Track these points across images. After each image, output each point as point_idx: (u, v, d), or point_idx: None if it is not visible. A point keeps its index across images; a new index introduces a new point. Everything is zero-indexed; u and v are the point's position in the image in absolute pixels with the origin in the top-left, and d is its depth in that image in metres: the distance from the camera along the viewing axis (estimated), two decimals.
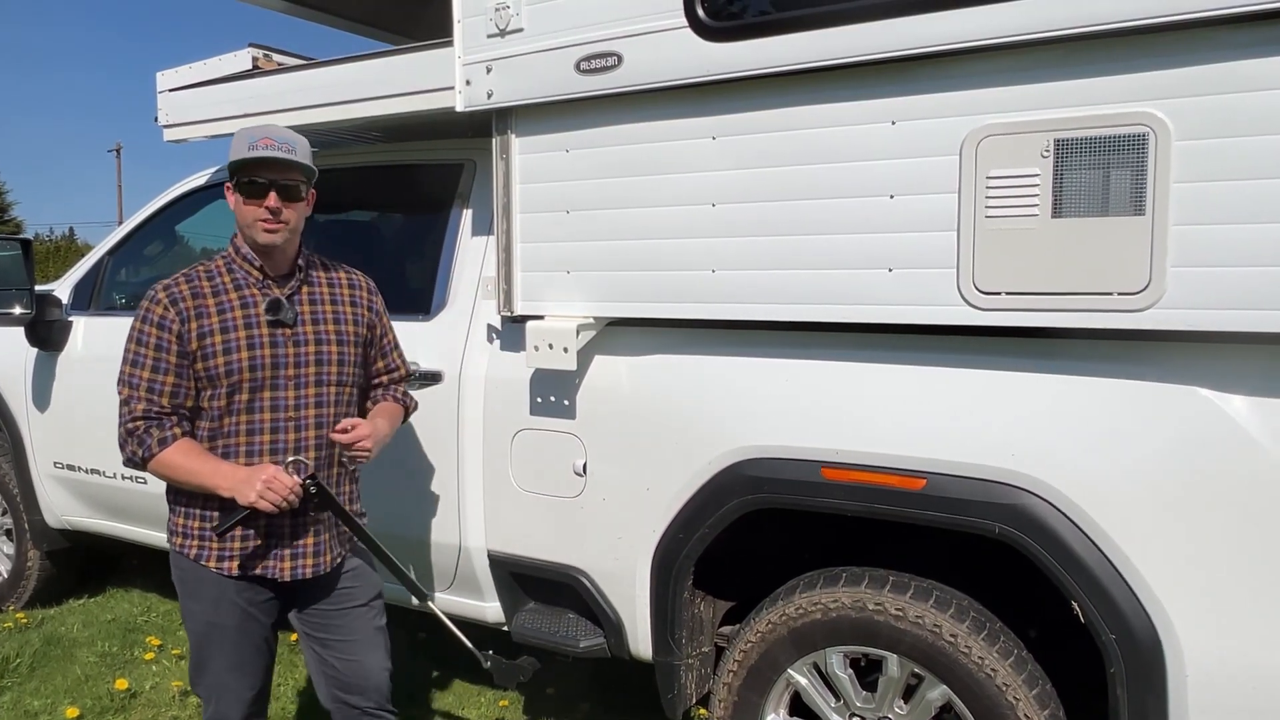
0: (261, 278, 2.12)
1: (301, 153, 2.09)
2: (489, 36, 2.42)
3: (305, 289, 2.18)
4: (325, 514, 2.16)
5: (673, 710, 2.47)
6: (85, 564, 4.27)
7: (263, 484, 1.96)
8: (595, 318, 2.43)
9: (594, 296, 2.41)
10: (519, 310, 2.53)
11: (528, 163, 2.47)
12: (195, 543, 2.10)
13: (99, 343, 3.61)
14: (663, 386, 2.41)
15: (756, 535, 2.47)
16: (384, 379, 2.36)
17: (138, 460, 2.03)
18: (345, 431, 2.11)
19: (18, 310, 3.58)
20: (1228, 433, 1.80)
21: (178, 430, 2.03)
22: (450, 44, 2.50)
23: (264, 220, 2.04)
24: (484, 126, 2.56)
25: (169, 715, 3.22)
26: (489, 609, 2.83)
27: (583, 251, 2.42)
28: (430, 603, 2.46)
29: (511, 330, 2.64)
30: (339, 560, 2.22)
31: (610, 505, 2.50)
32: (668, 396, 2.40)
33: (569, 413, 2.54)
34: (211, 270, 2.12)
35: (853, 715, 2.23)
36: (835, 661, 2.22)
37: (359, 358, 2.23)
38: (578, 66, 2.29)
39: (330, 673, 2.23)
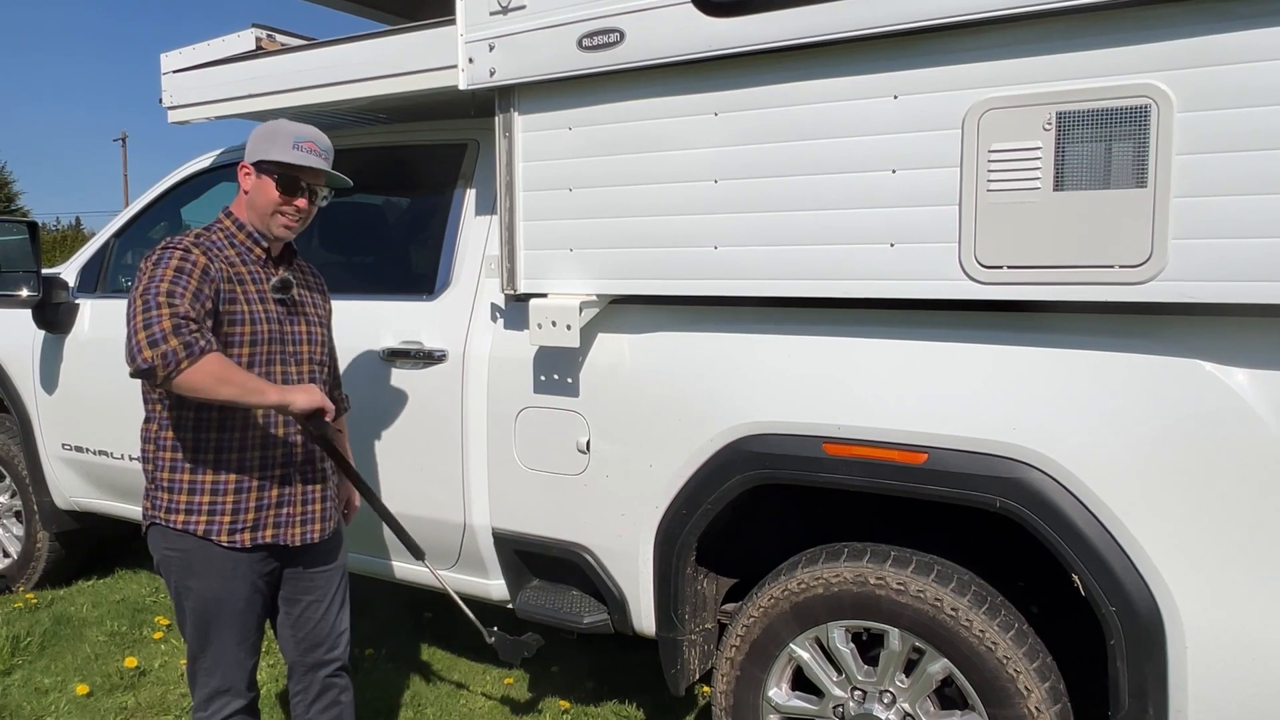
0: (264, 257, 2.18)
1: (331, 160, 2.20)
2: (491, 14, 2.42)
3: (296, 273, 2.27)
4: (329, 480, 2.26)
5: (676, 686, 2.49)
6: (94, 545, 4.30)
7: (323, 398, 2.06)
8: (598, 295, 2.44)
9: (596, 274, 2.42)
10: (522, 289, 2.54)
11: (530, 141, 2.48)
12: (203, 518, 2.09)
13: (106, 325, 3.63)
14: (665, 363, 2.42)
15: (760, 512, 2.49)
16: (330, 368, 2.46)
17: (195, 351, 1.87)
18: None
19: (25, 293, 3.60)
20: (1229, 406, 1.80)
21: (215, 342, 1.97)
22: (453, 22, 2.50)
23: (287, 216, 2.15)
24: (487, 105, 2.56)
25: (177, 692, 3.25)
26: (493, 586, 2.85)
27: (585, 229, 2.42)
28: (426, 563, 2.51)
29: (515, 309, 2.65)
30: (337, 523, 2.32)
31: (613, 482, 2.51)
32: (670, 373, 2.40)
33: (572, 390, 2.55)
34: (216, 241, 2.13)
35: (854, 689, 2.25)
36: (837, 636, 2.24)
37: (329, 341, 2.36)
38: (580, 43, 2.29)
39: (300, 632, 2.28)
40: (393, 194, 3.39)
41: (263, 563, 2.16)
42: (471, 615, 2.55)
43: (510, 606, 2.83)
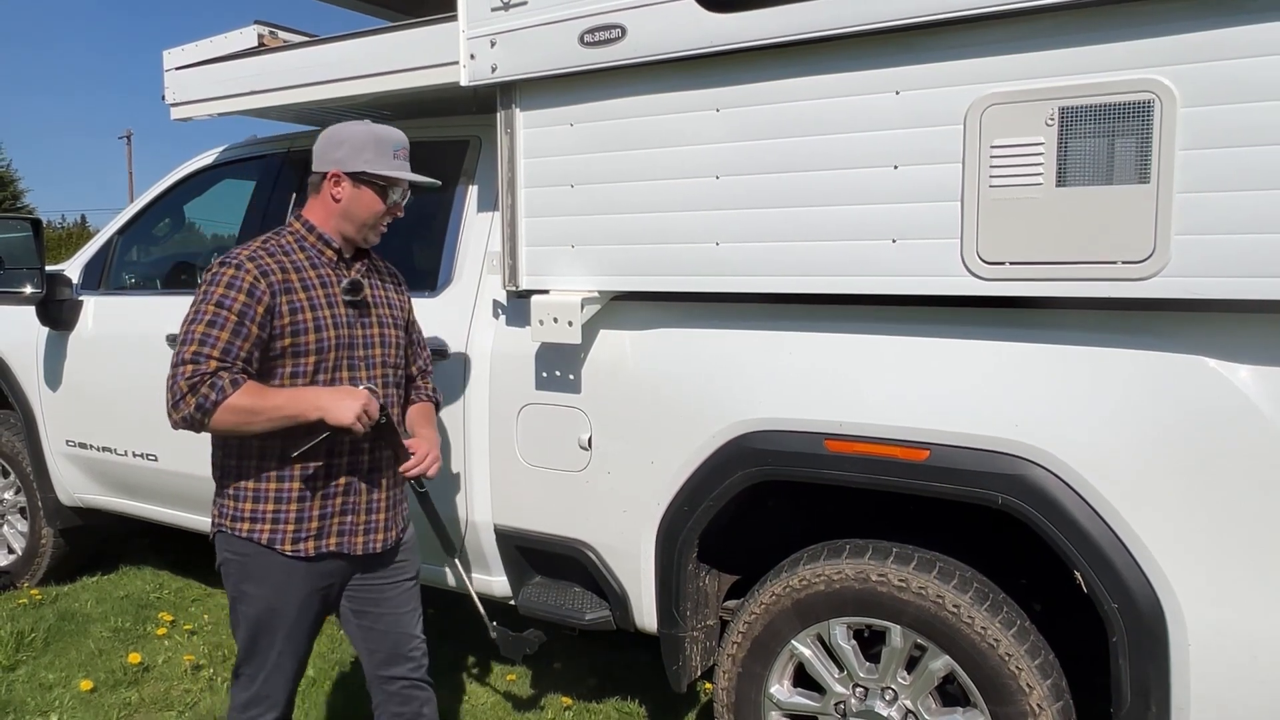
0: (335, 259, 2.12)
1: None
2: (493, 10, 2.42)
3: (370, 274, 2.20)
4: (395, 488, 2.19)
5: (677, 682, 2.49)
6: (98, 542, 4.31)
7: (361, 408, 1.97)
8: (600, 292, 2.44)
9: (598, 270, 2.42)
10: (524, 285, 2.54)
11: (532, 137, 2.48)
12: (266, 527, 2.04)
13: (109, 322, 3.64)
14: (667, 360, 2.42)
15: (762, 509, 2.49)
16: (415, 368, 2.37)
17: (208, 405, 1.89)
18: (416, 462, 2.17)
19: (28, 290, 3.61)
20: (1232, 403, 1.79)
21: (244, 376, 1.96)
22: (455, 18, 2.50)
23: (384, 226, 2.13)
24: (489, 102, 2.56)
25: (181, 688, 3.26)
26: (495, 583, 2.85)
27: (587, 225, 2.42)
28: (456, 558, 2.47)
29: (517, 305, 2.65)
30: (403, 532, 2.25)
31: (615, 479, 2.51)
32: (672, 370, 2.40)
33: (574, 387, 2.55)
34: (285, 246, 2.08)
35: (856, 686, 2.25)
36: (839, 633, 2.24)
37: (404, 343, 2.27)
38: (581, 39, 2.29)
39: (374, 647, 2.22)
40: None
41: (323, 575, 2.10)
42: (483, 610, 2.54)
43: (512, 603, 2.84)
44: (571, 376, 2.55)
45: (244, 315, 1.95)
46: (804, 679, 2.34)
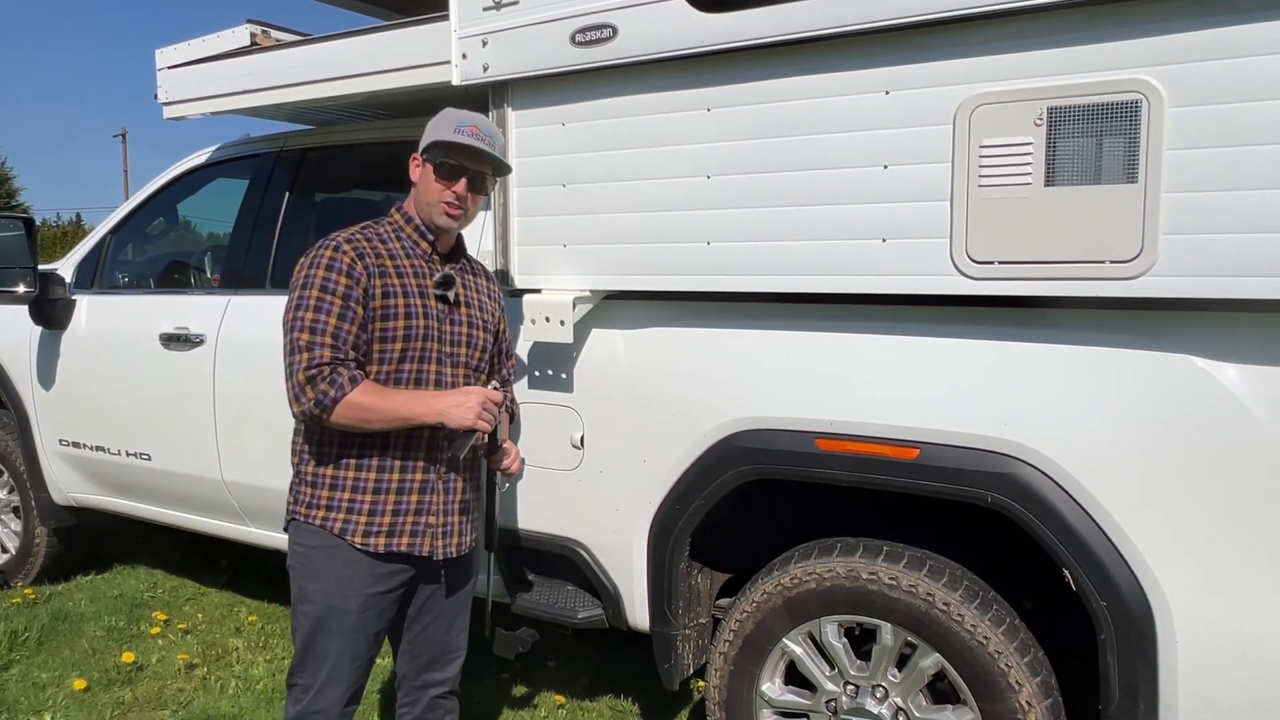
0: (429, 251, 2.11)
1: (499, 149, 2.09)
2: (485, 9, 2.42)
3: (463, 273, 2.18)
4: (474, 492, 2.19)
5: (670, 680, 2.49)
6: (92, 541, 4.31)
7: (479, 406, 1.98)
8: (591, 291, 2.44)
9: (590, 270, 2.42)
10: (516, 284, 2.54)
11: (524, 136, 2.48)
12: (340, 515, 2.01)
13: (102, 321, 3.64)
14: (659, 359, 2.42)
15: (754, 507, 2.50)
16: (498, 378, 2.32)
17: (327, 402, 1.90)
18: (510, 450, 2.20)
19: (21, 288, 3.60)
20: (1220, 401, 1.80)
21: (361, 372, 1.96)
22: (447, 18, 2.50)
23: (448, 204, 2.06)
24: (481, 101, 2.56)
25: (174, 687, 3.26)
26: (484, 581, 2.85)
27: (579, 225, 2.42)
28: (492, 554, 2.45)
29: (509, 304, 2.65)
30: (474, 540, 2.22)
31: (607, 477, 2.52)
32: (664, 369, 2.41)
33: (566, 386, 2.55)
34: (382, 234, 2.07)
35: (847, 684, 2.26)
36: (830, 631, 2.24)
37: (490, 348, 2.24)
38: (573, 39, 2.29)
39: (418, 652, 2.20)
40: (390, 190, 3.39)
41: (387, 576, 2.06)
42: (489, 609, 2.54)
43: (506, 602, 2.84)
44: (564, 375, 2.56)
45: (347, 297, 1.95)
46: (795, 677, 2.35)
